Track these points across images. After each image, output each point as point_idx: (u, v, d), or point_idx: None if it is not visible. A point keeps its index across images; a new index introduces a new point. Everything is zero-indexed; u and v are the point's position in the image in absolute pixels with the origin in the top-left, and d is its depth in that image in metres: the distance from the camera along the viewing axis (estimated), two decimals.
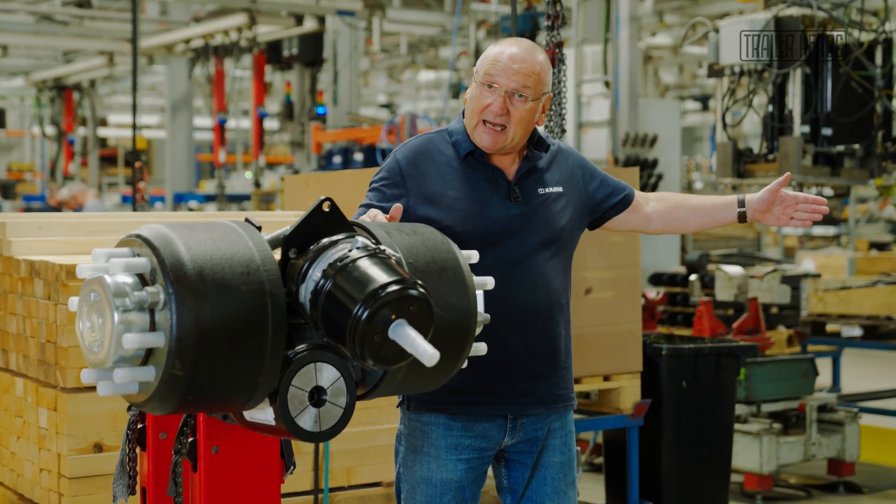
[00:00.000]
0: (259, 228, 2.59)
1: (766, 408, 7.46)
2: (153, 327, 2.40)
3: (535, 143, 3.53)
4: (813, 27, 7.34)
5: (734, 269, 8.74)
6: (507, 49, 3.42)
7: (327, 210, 2.61)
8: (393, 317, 2.41)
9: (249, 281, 2.43)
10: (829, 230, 19.83)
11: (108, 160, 29.78)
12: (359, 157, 13.51)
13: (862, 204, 21.04)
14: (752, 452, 7.20)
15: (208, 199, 19.56)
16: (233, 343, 2.39)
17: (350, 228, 2.64)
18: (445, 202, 3.40)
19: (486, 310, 3.24)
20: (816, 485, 7.87)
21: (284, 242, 2.58)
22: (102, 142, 28.40)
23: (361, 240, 2.56)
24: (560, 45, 5.80)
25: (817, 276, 10.73)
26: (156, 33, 18.46)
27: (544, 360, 3.49)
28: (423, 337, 2.43)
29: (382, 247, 2.58)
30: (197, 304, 2.36)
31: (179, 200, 19.63)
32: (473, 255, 2.91)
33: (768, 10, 7.46)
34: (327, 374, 2.51)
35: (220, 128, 17.49)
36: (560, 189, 3.52)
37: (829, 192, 7.90)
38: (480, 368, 3.30)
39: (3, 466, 4.90)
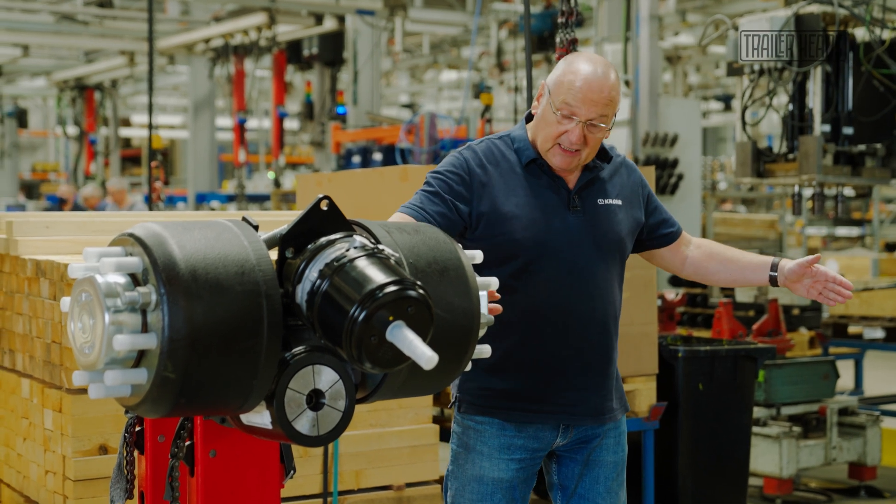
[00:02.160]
0: (256, 227, 2.53)
1: (786, 411, 7.37)
2: (145, 328, 2.34)
3: (598, 154, 3.54)
4: (834, 25, 7.25)
5: None
6: (583, 73, 3.38)
7: (325, 209, 2.55)
8: (391, 318, 2.35)
9: (244, 281, 2.36)
10: (854, 231, 19.63)
11: (132, 160, 29.88)
12: (378, 156, 13.46)
13: (889, 204, 20.85)
14: (771, 456, 7.11)
15: (231, 199, 19.54)
16: (226, 345, 2.33)
17: (349, 227, 2.57)
18: (507, 208, 3.41)
19: (543, 318, 3.38)
20: (837, 489, 7.78)
21: (281, 242, 2.52)
22: (126, 142, 28.49)
23: (360, 239, 2.50)
24: (574, 42, 5.72)
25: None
26: (176, 33, 18.46)
27: (597, 371, 3.51)
28: (422, 339, 2.36)
29: (381, 246, 2.52)
30: (189, 305, 2.30)
31: (202, 200, 19.63)
32: (477, 256, 2.83)
33: (788, 7, 7.36)
34: (326, 377, 2.45)
35: (240, 128, 17.47)
36: (619, 202, 3.55)
37: (849, 191, 7.79)
38: (534, 376, 3.42)
39: (9, 468, 4.86)
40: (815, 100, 7.33)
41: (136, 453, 2.78)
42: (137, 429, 2.76)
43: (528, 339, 3.41)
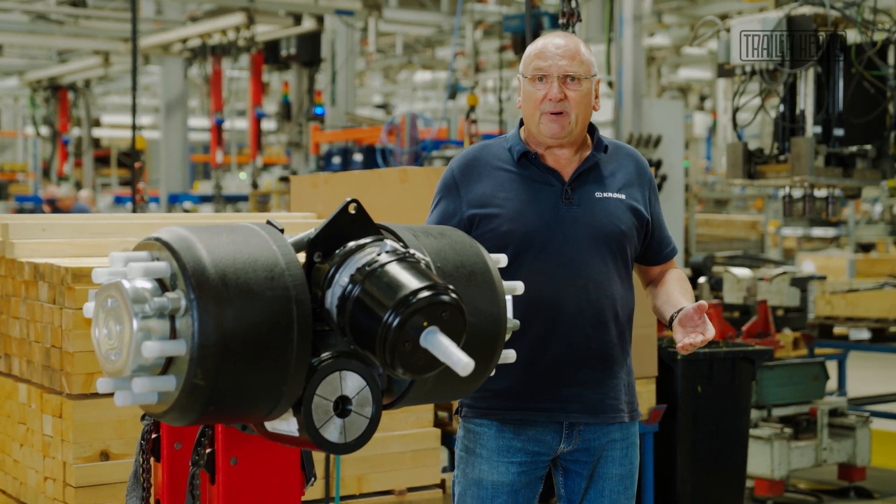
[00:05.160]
0: (282, 231, 2.48)
1: (777, 412, 7.36)
2: (174, 335, 2.29)
3: (596, 144, 3.50)
4: (825, 26, 7.24)
5: (743, 272, 8.64)
6: (545, 41, 3.47)
7: (353, 212, 2.50)
8: (425, 324, 2.31)
9: (274, 286, 2.32)
10: (829, 231, 19.71)
11: (102, 161, 29.68)
12: (358, 157, 13.41)
13: (864, 204, 20.93)
14: (763, 458, 7.11)
15: (203, 199, 19.44)
16: (257, 351, 2.28)
17: (377, 231, 2.53)
18: (495, 202, 3.41)
19: (534, 312, 3.30)
20: (827, 490, 7.79)
21: (309, 246, 2.47)
22: (96, 142, 28.29)
23: (390, 243, 2.45)
24: None
25: (823, 278, 10.63)
26: (152, 33, 18.33)
27: (594, 366, 3.42)
28: (456, 344, 2.32)
29: (411, 251, 2.47)
30: (219, 311, 2.25)
31: (174, 201, 19.52)
32: (502, 259, 2.79)
33: (780, 8, 7.36)
34: (352, 383, 2.41)
35: (217, 128, 17.34)
36: (622, 196, 3.47)
37: (839, 193, 7.79)
38: (529, 373, 3.36)
39: (5, 474, 4.78)
40: (806, 101, 7.32)
41: (152, 461, 2.73)
42: (154, 436, 2.71)
43: (520, 335, 3.13)
